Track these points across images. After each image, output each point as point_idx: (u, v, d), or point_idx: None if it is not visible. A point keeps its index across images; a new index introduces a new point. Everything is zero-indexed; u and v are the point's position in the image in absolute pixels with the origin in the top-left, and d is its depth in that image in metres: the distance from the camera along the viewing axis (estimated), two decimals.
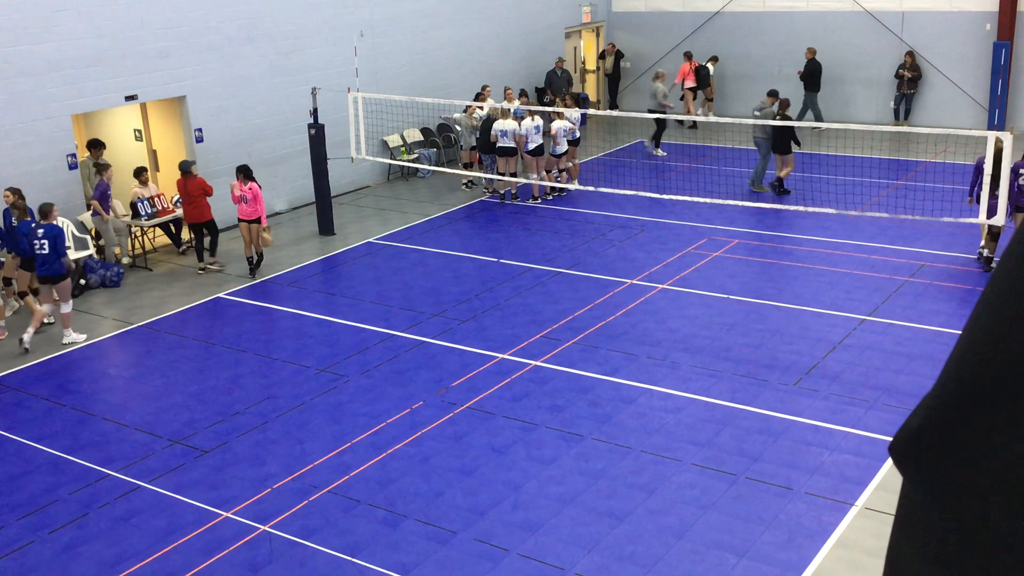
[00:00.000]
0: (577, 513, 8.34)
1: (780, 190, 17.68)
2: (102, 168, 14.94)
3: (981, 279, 13.25)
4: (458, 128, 19.61)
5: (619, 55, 25.67)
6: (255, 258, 14.73)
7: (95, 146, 15.76)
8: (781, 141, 17.33)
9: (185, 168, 14.97)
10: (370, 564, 7.74)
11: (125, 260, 15.29)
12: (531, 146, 17.85)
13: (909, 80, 22.35)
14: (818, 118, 22.42)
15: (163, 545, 8.11)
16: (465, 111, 19.18)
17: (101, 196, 14.74)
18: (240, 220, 14.72)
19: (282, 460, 9.40)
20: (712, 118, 16.58)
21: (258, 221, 14.63)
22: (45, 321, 12.96)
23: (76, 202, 15.07)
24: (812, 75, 22.59)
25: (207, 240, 15.31)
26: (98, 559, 7.98)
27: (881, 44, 22.92)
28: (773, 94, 18.25)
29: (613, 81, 25.78)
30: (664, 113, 20.97)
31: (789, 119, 17.78)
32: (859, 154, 19.83)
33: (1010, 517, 0.84)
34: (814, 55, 22.71)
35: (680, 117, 23.28)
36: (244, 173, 14.65)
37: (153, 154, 17.39)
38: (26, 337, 12.22)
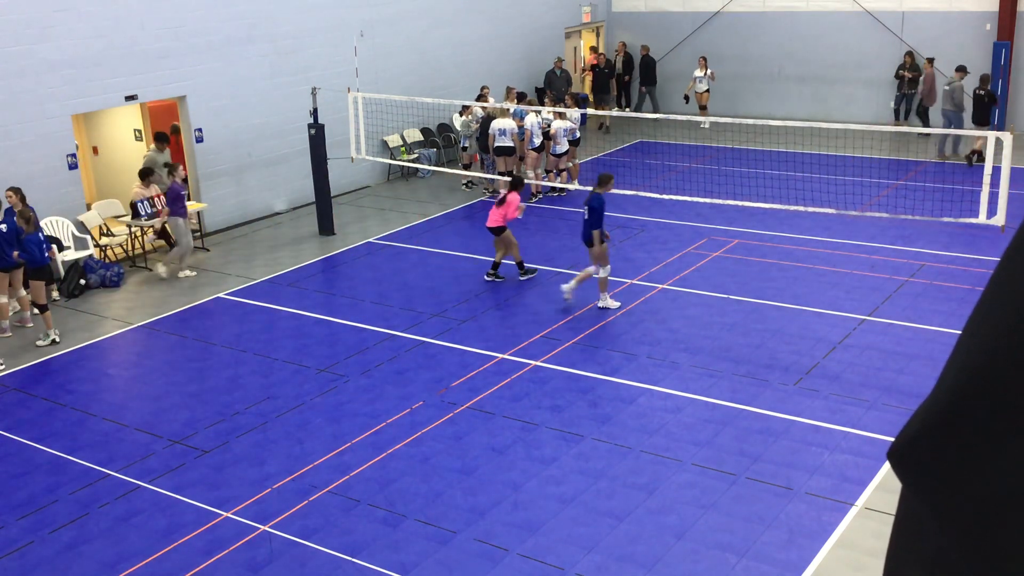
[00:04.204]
0: (577, 513, 8.35)
1: (974, 161, 18.87)
2: (173, 168, 14.68)
3: (986, 276, 13.25)
4: (459, 129, 19.63)
5: (628, 57, 25.58)
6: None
7: (161, 139, 15.71)
8: (981, 112, 18.95)
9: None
10: (370, 564, 7.74)
11: (188, 273, 14.75)
12: (536, 142, 17.89)
13: (909, 80, 22.34)
14: (655, 109, 24.48)
15: (163, 545, 8.11)
16: (462, 112, 19.22)
17: (175, 198, 14.49)
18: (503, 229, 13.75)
19: (282, 460, 9.40)
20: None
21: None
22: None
23: (76, 202, 15.06)
24: (647, 69, 24.71)
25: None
26: (98, 559, 7.98)
27: (881, 44, 22.93)
28: (961, 69, 19.84)
29: (621, 81, 25.69)
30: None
31: (992, 94, 19.46)
32: (859, 154, 19.84)
33: (1007, 525, 0.84)
34: (648, 52, 24.78)
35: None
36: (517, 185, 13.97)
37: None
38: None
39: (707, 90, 23.66)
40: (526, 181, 17.99)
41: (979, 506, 0.86)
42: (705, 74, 23.56)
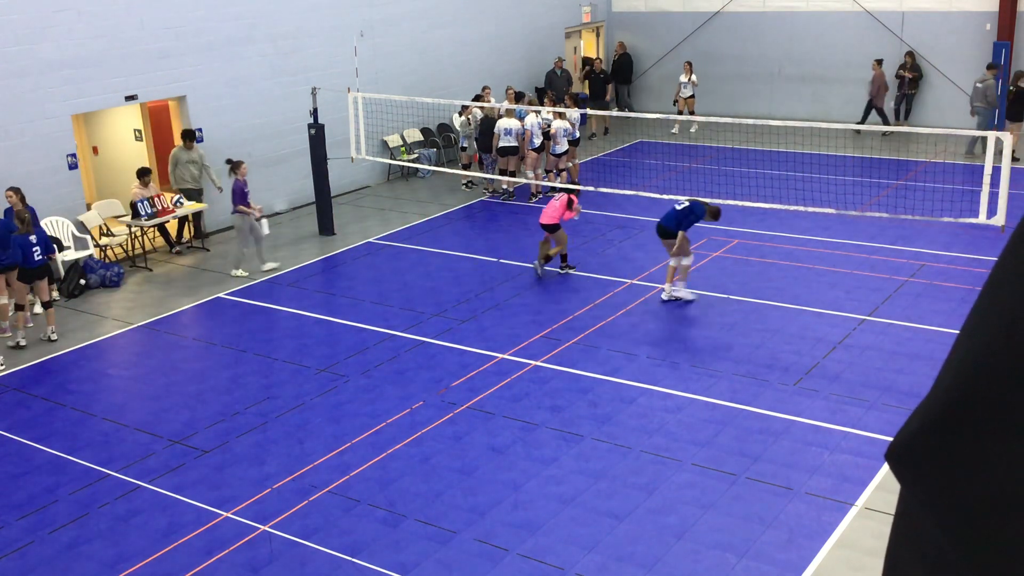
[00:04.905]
0: (577, 513, 8.35)
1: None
2: (235, 167, 14.67)
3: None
4: (459, 129, 19.65)
5: (627, 56, 25.56)
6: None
7: (188, 137, 15.75)
8: (1015, 108, 19.48)
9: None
10: (370, 564, 7.75)
11: (270, 265, 14.81)
12: (536, 142, 17.91)
13: (910, 80, 22.35)
14: (629, 108, 24.76)
15: (163, 545, 8.11)
16: (461, 112, 19.24)
17: (241, 196, 14.55)
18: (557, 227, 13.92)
19: (282, 460, 9.41)
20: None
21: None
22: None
23: (76, 202, 15.06)
24: (621, 68, 25.01)
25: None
26: (98, 559, 7.98)
27: (881, 44, 22.92)
28: (993, 67, 20.25)
29: (621, 81, 25.68)
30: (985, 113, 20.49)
31: (1023, 89, 19.82)
32: (859, 154, 19.84)
33: (1006, 525, 0.84)
34: (625, 50, 25.14)
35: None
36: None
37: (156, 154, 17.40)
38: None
39: (692, 95, 23.09)
40: (524, 181, 18.04)
41: (977, 506, 0.86)
42: (689, 79, 23.06)
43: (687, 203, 12.89)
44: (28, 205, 13.39)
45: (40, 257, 12.37)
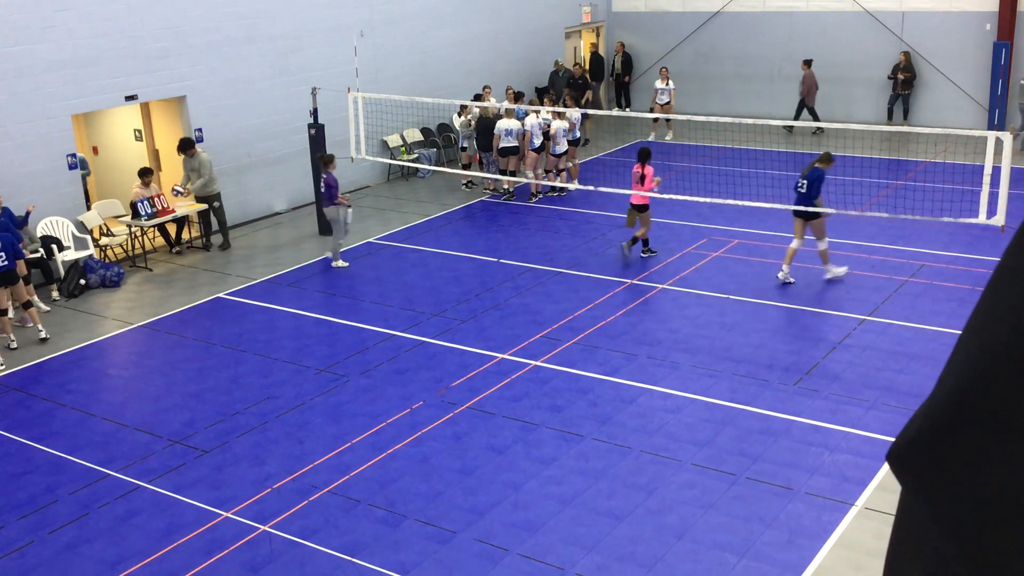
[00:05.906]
0: (577, 513, 8.35)
1: None
2: (328, 160, 14.91)
3: (985, 278, 13.24)
4: (459, 129, 19.65)
5: (627, 56, 25.58)
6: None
7: (187, 146, 15.75)
8: None
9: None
10: (370, 564, 7.75)
11: (341, 263, 14.94)
12: (536, 143, 17.92)
13: (903, 81, 22.36)
14: (599, 107, 25.05)
15: (163, 545, 8.11)
16: (460, 112, 19.24)
17: (335, 188, 14.79)
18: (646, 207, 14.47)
19: (282, 460, 9.41)
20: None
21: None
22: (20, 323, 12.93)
23: (76, 202, 15.06)
24: (597, 67, 25.33)
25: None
26: (98, 559, 7.98)
27: (881, 44, 22.93)
28: None
29: (620, 81, 25.69)
30: None
31: None
32: (859, 154, 19.83)
33: (1006, 528, 0.84)
34: (596, 49, 25.84)
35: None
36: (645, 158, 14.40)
37: (155, 153, 17.38)
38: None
39: (668, 102, 22.73)
40: (524, 181, 18.04)
41: (978, 509, 0.86)
42: (666, 85, 22.72)
43: (805, 180, 13.14)
44: (4, 207, 13.19)
45: (5, 263, 12.07)
